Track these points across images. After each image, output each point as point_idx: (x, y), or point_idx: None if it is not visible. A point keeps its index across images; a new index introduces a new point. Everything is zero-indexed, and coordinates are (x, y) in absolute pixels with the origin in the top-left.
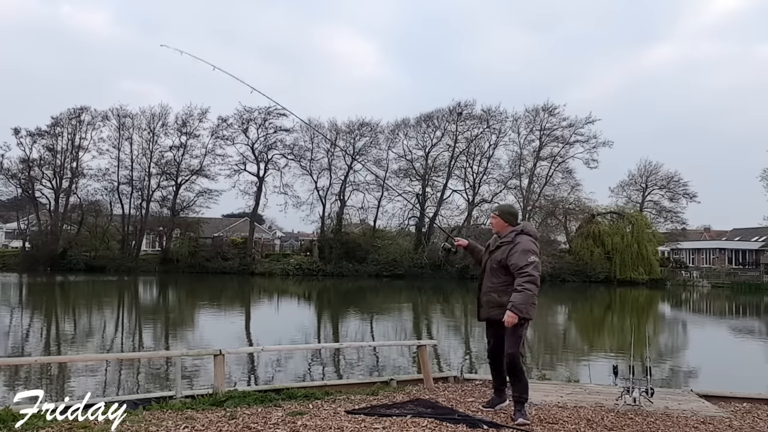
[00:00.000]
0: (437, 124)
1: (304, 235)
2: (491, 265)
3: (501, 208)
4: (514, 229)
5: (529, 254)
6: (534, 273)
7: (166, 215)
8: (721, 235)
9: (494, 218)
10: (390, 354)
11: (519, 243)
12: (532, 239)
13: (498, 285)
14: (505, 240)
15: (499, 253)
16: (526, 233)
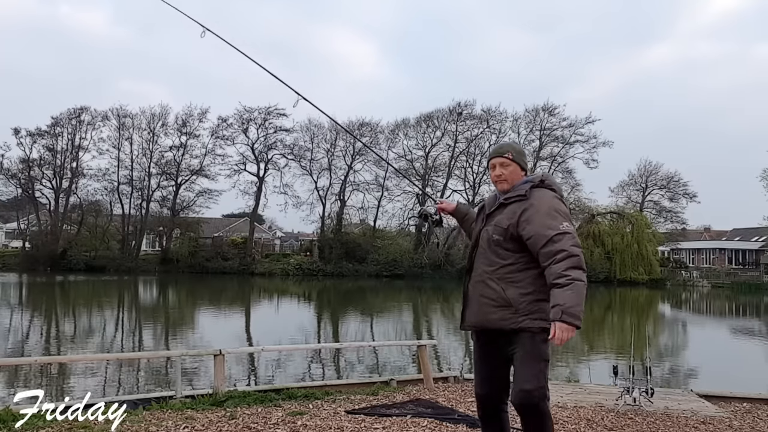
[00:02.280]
0: (437, 124)
1: (304, 235)
2: (489, 235)
3: (512, 146)
4: (530, 179)
5: (558, 217)
6: (576, 250)
7: (166, 215)
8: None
9: (503, 162)
10: (390, 354)
11: (539, 201)
12: (559, 198)
13: (500, 269)
14: (514, 195)
15: (503, 217)
16: (549, 187)
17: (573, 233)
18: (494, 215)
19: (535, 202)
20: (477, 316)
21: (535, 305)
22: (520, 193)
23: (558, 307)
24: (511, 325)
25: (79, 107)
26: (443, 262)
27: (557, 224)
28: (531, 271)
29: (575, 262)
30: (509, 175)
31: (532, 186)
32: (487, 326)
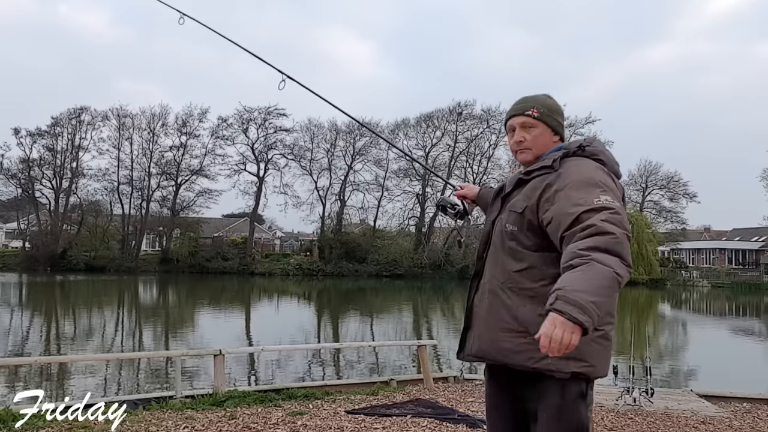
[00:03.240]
0: (437, 124)
1: (304, 235)
2: (503, 225)
3: (538, 100)
4: (565, 147)
5: (594, 189)
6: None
7: (166, 215)
8: (721, 235)
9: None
10: (390, 354)
11: (571, 171)
12: (603, 168)
13: (515, 275)
14: (539, 168)
15: (520, 197)
16: (592, 155)
17: (614, 207)
18: (511, 197)
19: (564, 175)
20: (482, 344)
21: None
22: (545, 164)
23: (555, 292)
24: (528, 363)
25: (79, 107)
26: (443, 262)
27: (590, 198)
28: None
29: (605, 241)
30: (534, 141)
31: (566, 154)
32: (497, 360)
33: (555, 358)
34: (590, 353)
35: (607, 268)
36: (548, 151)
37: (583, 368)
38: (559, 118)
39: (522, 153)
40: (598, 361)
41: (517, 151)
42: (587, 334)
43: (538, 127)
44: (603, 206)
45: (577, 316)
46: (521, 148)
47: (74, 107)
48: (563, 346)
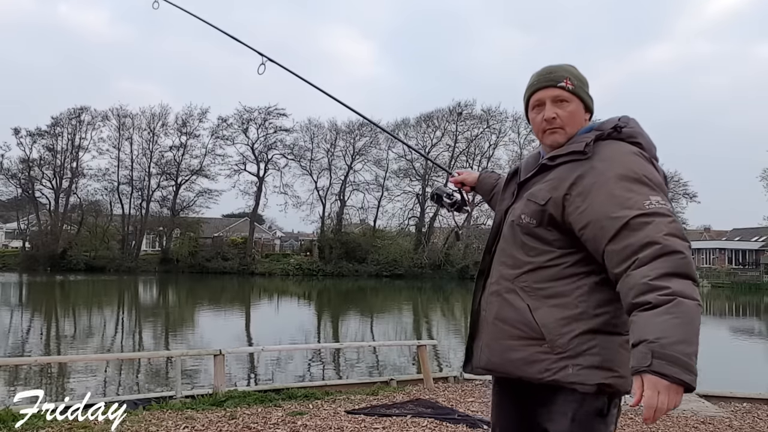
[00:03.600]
0: (437, 124)
1: (304, 235)
2: (517, 216)
3: (569, 70)
4: (596, 126)
5: (640, 187)
6: (677, 243)
7: (166, 215)
8: (721, 235)
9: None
10: (390, 354)
11: (607, 161)
12: (643, 154)
13: (529, 274)
14: (564, 153)
15: (543, 187)
16: (630, 138)
17: (669, 213)
18: (530, 184)
19: (599, 165)
20: (492, 355)
21: (588, 342)
22: (576, 148)
23: (646, 345)
24: (543, 375)
25: (79, 107)
26: (443, 262)
27: (639, 199)
28: (584, 279)
29: (677, 263)
30: (569, 119)
31: (599, 137)
32: (509, 372)
33: (581, 367)
34: (622, 361)
35: (693, 302)
36: (579, 131)
37: (611, 379)
38: (589, 92)
39: (553, 133)
40: (628, 371)
41: (547, 130)
42: (691, 392)
43: (573, 102)
44: (656, 211)
45: (683, 378)
46: (553, 127)
47: (74, 107)
48: (666, 411)
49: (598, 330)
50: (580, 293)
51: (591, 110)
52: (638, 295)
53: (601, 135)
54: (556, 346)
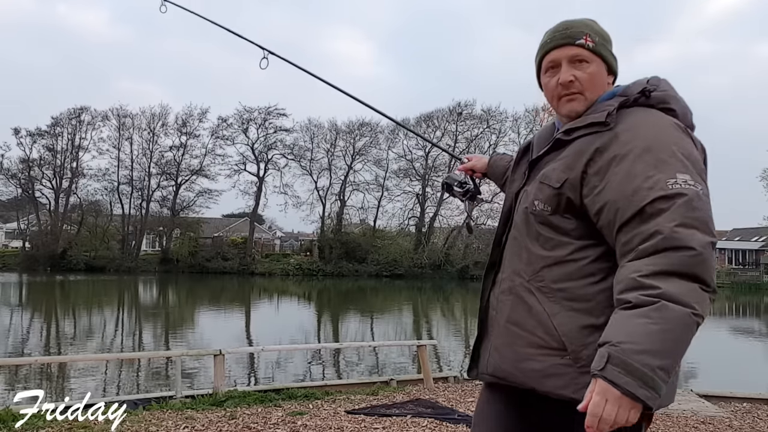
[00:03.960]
0: (437, 124)
1: (304, 235)
2: (532, 202)
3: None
4: (622, 92)
5: (670, 163)
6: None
7: (166, 215)
8: (721, 235)
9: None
10: (390, 354)
11: (633, 132)
12: (677, 124)
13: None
14: (583, 125)
15: (557, 165)
16: (662, 104)
17: (696, 196)
18: (543, 163)
19: (622, 136)
20: (503, 362)
21: None
22: (596, 119)
23: (607, 348)
24: (564, 392)
25: (79, 107)
26: (443, 262)
27: (662, 178)
28: (610, 279)
29: (681, 261)
30: (589, 83)
31: (623, 103)
32: (521, 383)
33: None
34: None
35: (683, 309)
36: (602, 97)
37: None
38: (612, 49)
39: (571, 100)
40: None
41: (563, 97)
42: (650, 411)
43: (593, 62)
44: (680, 192)
45: (636, 392)
46: (570, 92)
47: (74, 107)
48: (615, 426)
49: None
50: (606, 296)
51: (615, 72)
52: (622, 291)
53: (627, 101)
54: (580, 358)
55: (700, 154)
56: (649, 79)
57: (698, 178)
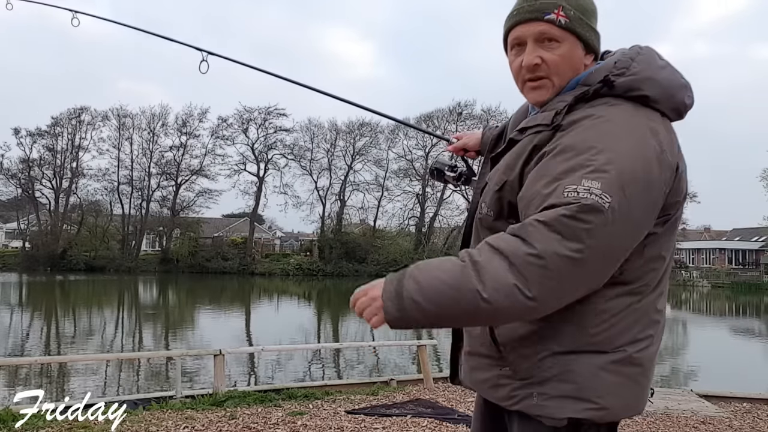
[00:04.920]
0: (437, 124)
1: (304, 235)
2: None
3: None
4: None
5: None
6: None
7: (166, 215)
8: (721, 235)
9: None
10: (390, 354)
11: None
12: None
13: None
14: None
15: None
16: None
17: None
18: (499, 161)
19: (558, 134)
20: (467, 368)
21: (558, 365)
22: (543, 120)
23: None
24: (507, 403)
25: (79, 107)
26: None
27: (566, 183)
28: None
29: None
30: (557, 66)
31: (582, 96)
32: (480, 392)
33: (547, 397)
34: (604, 387)
35: (475, 286)
36: (570, 82)
37: (587, 412)
38: (594, 22)
39: (536, 88)
40: (615, 399)
41: (528, 81)
42: (392, 326)
43: (565, 41)
44: (573, 201)
45: (386, 302)
46: (536, 76)
47: (74, 107)
48: (359, 313)
49: (570, 349)
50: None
51: (595, 51)
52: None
53: (585, 94)
54: (519, 370)
55: (657, 154)
56: (617, 61)
57: (615, 189)
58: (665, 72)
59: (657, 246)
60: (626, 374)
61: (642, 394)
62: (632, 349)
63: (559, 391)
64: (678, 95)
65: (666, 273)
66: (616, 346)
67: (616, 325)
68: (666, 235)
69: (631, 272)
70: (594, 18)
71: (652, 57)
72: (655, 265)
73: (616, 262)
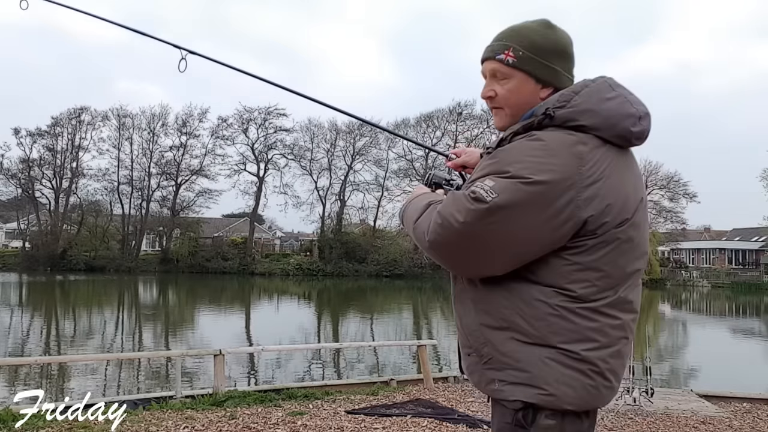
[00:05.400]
0: (437, 124)
1: (304, 235)
2: None
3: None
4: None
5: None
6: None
7: (166, 215)
8: (721, 235)
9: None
10: (390, 354)
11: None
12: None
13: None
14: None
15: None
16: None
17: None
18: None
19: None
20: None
21: (511, 354)
22: (491, 147)
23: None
24: (479, 387)
25: (79, 107)
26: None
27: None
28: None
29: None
30: (507, 98)
31: (529, 126)
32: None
33: (505, 383)
34: (550, 375)
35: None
36: (526, 113)
37: (535, 397)
38: (552, 59)
39: (495, 115)
40: (564, 388)
41: (491, 108)
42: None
43: (513, 77)
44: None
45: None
46: (492, 106)
47: (74, 107)
48: None
49: (520, 340)
50: (503, 297)
51: (551, 83)
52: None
53: (532, 124)
54: (483, 355)
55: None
56: (562, 93)
57: (504, 190)
58: (611, 103)
59: (587, 257)
60: (576, 368)
61: (599, 388)
62: (579, 347)
63: (514, 378)
64: (621, 124)
65: (615, 289)
66: (561, 341)
67: (558, 323)
68: (598, 251)
69: (554, 275)
70: (552, 55)
71: (599, 90)
72: (588, 276)
73: (501, 251)
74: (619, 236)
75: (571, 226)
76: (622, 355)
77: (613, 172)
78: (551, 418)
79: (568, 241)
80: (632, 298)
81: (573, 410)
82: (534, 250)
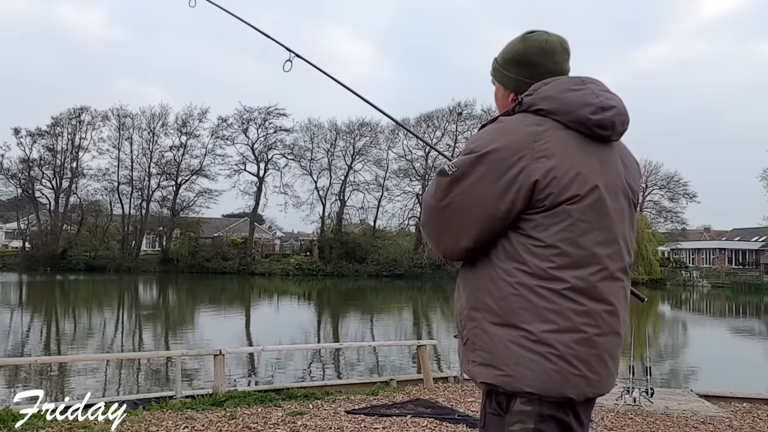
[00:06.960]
0: (437, 124)
1: (304, 235)
2: None
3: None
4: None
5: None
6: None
7: (166, 215)
8: (721, 235)
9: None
10: (390, 354)
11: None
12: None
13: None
14: None
15: None
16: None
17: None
18: None
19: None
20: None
21: (480, 335)
22: None
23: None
24: (462, 367)
25: (79, 107)
26: (443, 262)
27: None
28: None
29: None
30: (496, 103)
31: (506, 114)
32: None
33: (476, 364)
34: (506, 359)
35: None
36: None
37: (496, 378)
38: (510, 69)
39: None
40: (523, 370)
41: None
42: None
43: (495, 86)
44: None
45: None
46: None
47: (74, 107)
48: None
49: (491, 321)
50: (483, 285)
51: (513, 89)
52: None
53: (508, 112)
54: (463, 337)
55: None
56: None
57: (463, 163)
58: (573, 94)
59: (542, 232)
60: (534, 350)
61: (564, 375)
62: (538, 329)
63: (481, 359)
64: (578, 111)
65: (577, 271)
66: (522, 321)
67: (518, 302)
68: (550, 226)
69: (514, 252)
70: (510, 64)
71: (567, 82)
72: (544, 252)
73: (468, 220)
74: (571, 213)
75: (523, 194)
76: (594, 345)
77: (567, 152)
78: (526, 404)
79: (523, 212)
80: (604, 289)
81: (551, 399)
82: (496, 216)
